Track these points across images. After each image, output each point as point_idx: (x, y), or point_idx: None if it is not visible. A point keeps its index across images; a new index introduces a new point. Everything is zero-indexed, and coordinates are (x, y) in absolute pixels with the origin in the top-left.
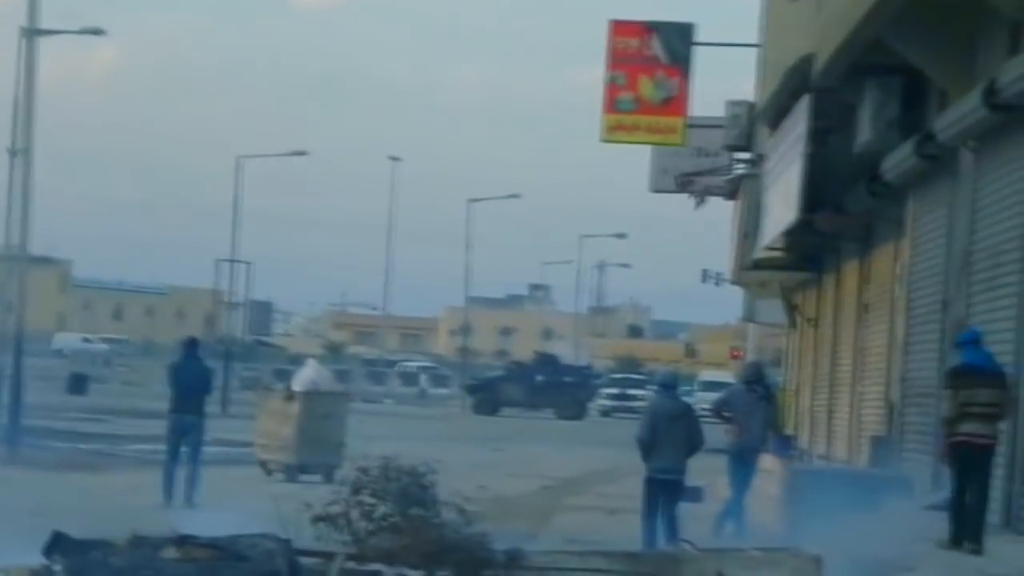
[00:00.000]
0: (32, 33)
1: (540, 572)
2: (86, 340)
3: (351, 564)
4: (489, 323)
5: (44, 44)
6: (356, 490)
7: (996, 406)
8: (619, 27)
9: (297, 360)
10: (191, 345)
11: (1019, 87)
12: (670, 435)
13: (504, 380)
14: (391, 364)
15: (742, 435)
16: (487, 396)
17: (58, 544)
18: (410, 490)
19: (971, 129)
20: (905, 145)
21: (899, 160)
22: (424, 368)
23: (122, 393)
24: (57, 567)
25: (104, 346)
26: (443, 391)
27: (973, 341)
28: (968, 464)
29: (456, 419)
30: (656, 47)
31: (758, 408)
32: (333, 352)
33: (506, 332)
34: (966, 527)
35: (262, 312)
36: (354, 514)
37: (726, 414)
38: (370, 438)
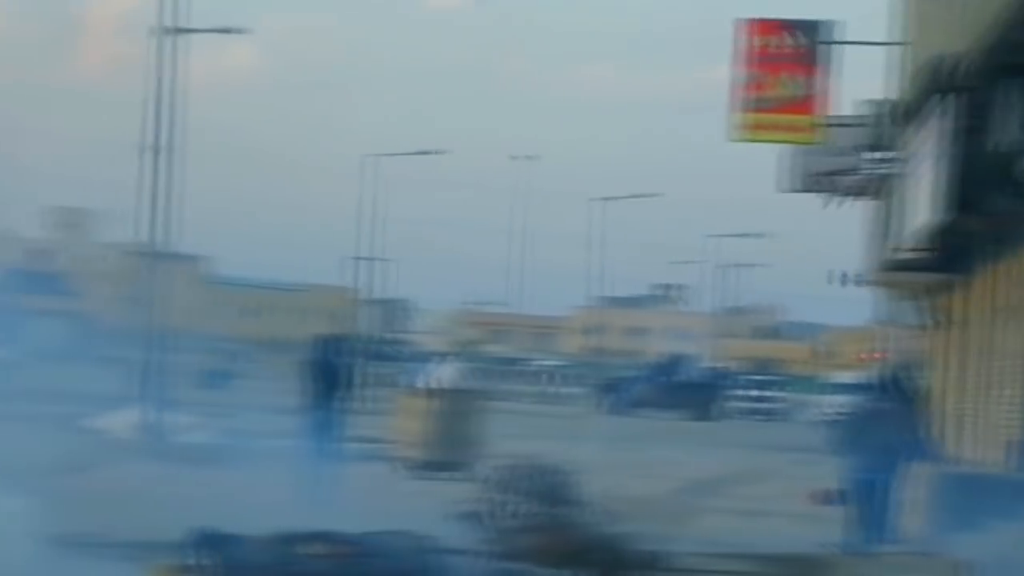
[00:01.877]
0: (172, 32)
1: (681, 573)
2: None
3: (493, 562)
4: (620, 323)
5: (187, 43)
6: (500, 488)
7: None
8: (753, 25)
9: (432, 358)
10: (329, 342)
11: None
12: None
13: (637, 380)
14: (523, 362)
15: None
16: (620, 396)
17: (205, 540)
18: (554, 489)
19: None
20: None
21: None
22: (555, 367)
23: (258, 389)
24: (204, 562)
25: (238, 343)
26: (574, 390)
27: None
28: None
29: (587, 418)
30: (790, 45)
31: (901, 411)
32: (466, 350)
33: (636, 332)
34: None
35: (398, 310)
36: (497, 512)
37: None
38: (503, 436)
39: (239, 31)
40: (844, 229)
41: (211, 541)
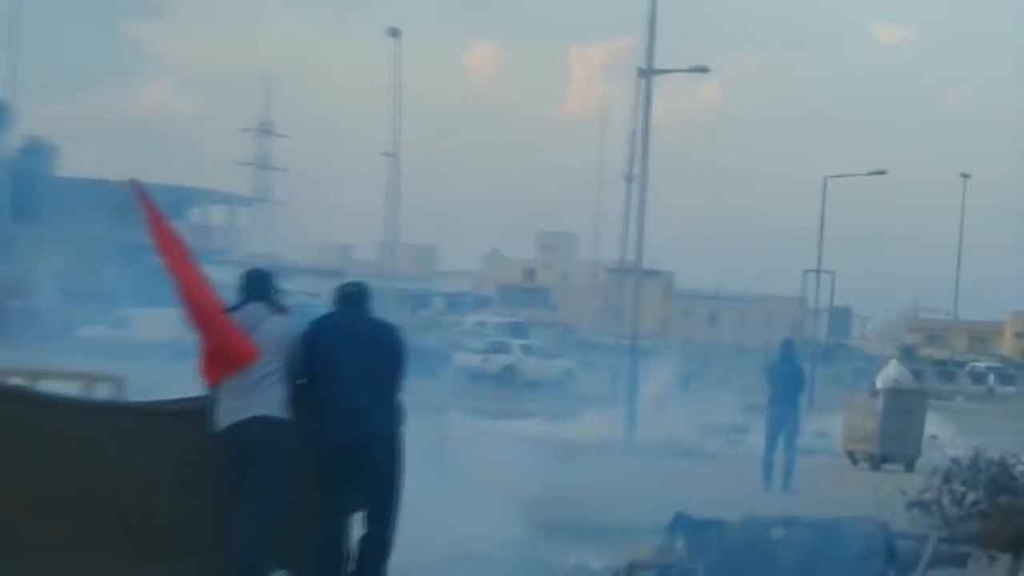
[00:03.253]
0: (648, 73)
1: None
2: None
3: (943, 546)
4: None
5: (661, 82)
6: (947, 479)
7: None
8: None
9: (874, 361)
10: (787, 347)
11: None
12: None
13: None
14: (960, 365)
15: None
16: None
17: (679, 523)
18: (999, 479)
19: None
20: None
21: None
22: (991, 368)
23: (724, 390)
24: (679, 543)
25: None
26: (1010, 389)
27: None
28: None
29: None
30: None
31: None
32: (907, 354)
33: None
34: None
35: (842, 318)
36: (945, 501)
37: None
38: (945, 432)
39: (705, 70)
40: None
41: (687, 524)
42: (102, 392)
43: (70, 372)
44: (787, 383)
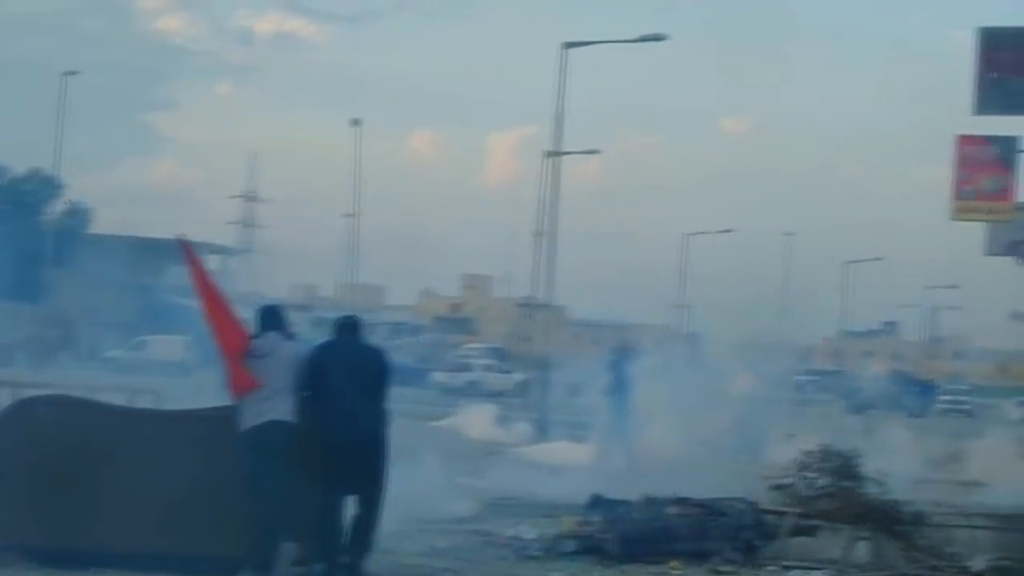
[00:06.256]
0: (554, 155)
1: (936, 528)
2: None
3: (798, 521)
4: (856, 349)
5: (560, 161)
6: (802, 467)
7: None
8: (964, 140)
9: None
10: (619, 355)
11: None
12: None
13: (867, 389)
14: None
15: None
16: (854, 400)
17: (596, 502)
18: (843, 468)
19: None
20: None
21: None
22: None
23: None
24: (595, 518)
25: None
26: (824, 396)
27: None
28: None
29: (836, 416)
30: (990, 153)
31: None
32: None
33: (867, 355)
34: None
35: (696, 341)
36: (800, 485)
37: None
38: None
39: (597, 152)
40: None
41: (602, 503)
42: (143, 402)
43: (115, 385)
44: (620, 386)
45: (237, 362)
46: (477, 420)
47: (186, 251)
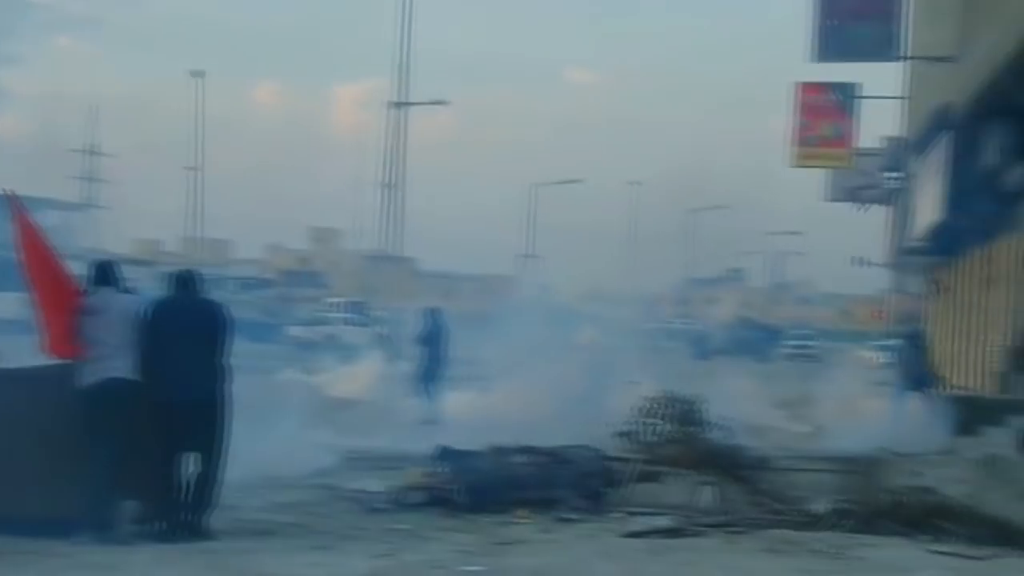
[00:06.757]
0: (401, 105)
1: (779, 472)
2: None
3: (643, 467)
4: (702, 297)
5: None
6: (645, 414)
7: None
8: (804, 87)
9: None
10: (435, 312)
11: None
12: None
13: (716, 335)
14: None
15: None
16: (701, 347)
17: (442, 453)
18: (685, 415)
19: None
20: (1021, 164)
21: (1017, 175)
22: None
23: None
24: (442, 469)
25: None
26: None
27: None
28: None
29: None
30: (830, 100)
31: (919, 352)
32: None
33: (713, 303)
34: None
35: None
36: (644, 431)
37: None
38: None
39: (444, 103)
40: (868, 227)
41: (448, 454)
42: None
43: None
44: (436, 340)
45: (59, 321)
46: (330, 374)
47: (12, 206)
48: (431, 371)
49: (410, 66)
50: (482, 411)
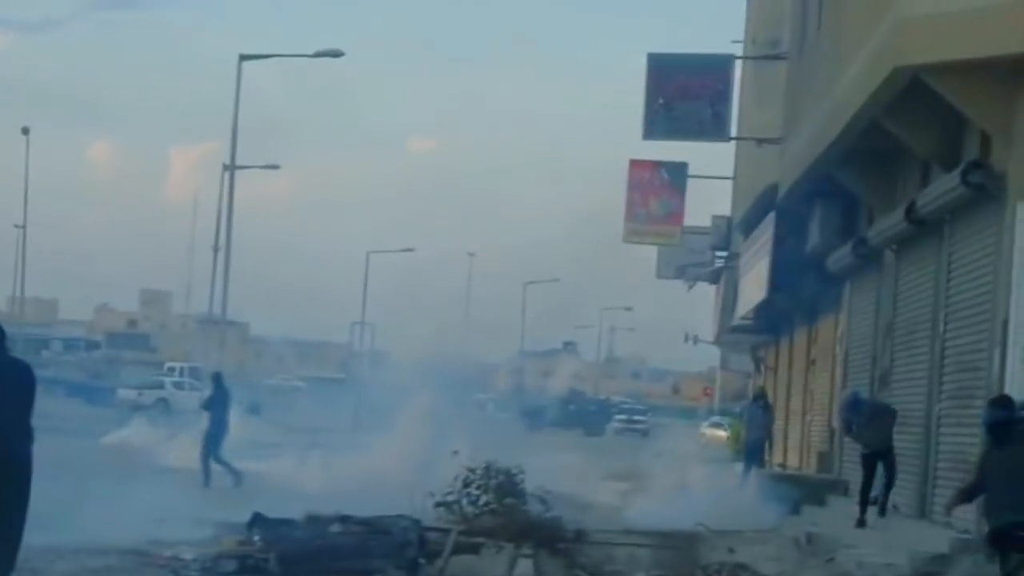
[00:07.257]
0: (231, 168)
1: (597, 546)
2: None
3: (462, 538)
4: (536, 368)
5: (241, 175)
6: (466, 484)
7: None
8: (636, 164)
9: None
10: (218, 377)
11: (930, 207)
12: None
13: (549, 408)
14: None
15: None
16: (533, 419)
17: (256, 521)
18: (505, 485)
19: (893, 236)
20: (844, 247)
21: (839, 257)
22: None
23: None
24: (256, 537)
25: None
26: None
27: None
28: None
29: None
30: (662, 178)
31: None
32: None
33: (546, 375)
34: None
35: (380, 359)
36: (464, 501)
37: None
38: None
39: (277, 167)
40: (699, 304)
41: (262, 522)
42: None
43: None
44: (220, 406)
45: None
46: (146, 437)
47: None
48: (214, 436)
49: (241, 129)
50: (302, 479)
